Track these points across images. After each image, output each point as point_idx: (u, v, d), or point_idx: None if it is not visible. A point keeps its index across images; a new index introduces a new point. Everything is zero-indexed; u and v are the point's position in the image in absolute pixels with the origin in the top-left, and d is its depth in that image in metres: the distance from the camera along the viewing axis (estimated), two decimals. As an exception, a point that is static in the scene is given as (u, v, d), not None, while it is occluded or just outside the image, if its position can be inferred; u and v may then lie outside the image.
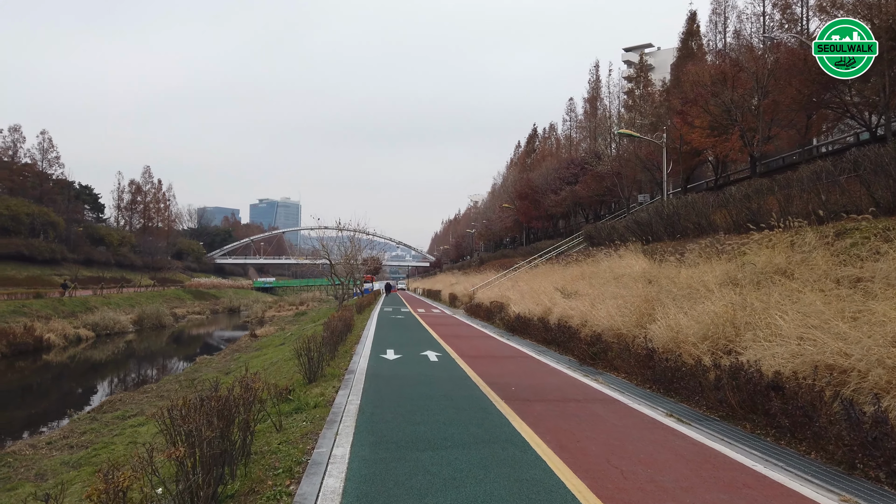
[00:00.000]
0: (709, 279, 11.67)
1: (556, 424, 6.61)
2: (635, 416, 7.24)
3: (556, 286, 18.59)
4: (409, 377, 9.59)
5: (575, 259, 22.53)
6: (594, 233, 29.60)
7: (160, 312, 45.49)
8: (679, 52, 44.70)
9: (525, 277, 26.28)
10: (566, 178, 40.60)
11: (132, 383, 21.77)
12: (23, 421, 15.98)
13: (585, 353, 11.56)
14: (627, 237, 24.34)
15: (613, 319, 11.93)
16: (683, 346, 8.90)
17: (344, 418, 6.60)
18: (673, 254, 16.11)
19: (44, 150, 67.81)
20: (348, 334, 16.44)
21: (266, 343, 27.50)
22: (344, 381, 9.17)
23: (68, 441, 12.14)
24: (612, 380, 9.86)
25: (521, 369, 10.86)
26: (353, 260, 39.58)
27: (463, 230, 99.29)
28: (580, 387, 9.09)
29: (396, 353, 12.74)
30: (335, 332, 11.99)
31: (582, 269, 20.53)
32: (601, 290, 15.74)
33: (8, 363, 25.99)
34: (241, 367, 20.54)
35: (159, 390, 17.73)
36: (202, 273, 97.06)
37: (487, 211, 74.13)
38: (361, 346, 13.82)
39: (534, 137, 79.67)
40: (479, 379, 9.51)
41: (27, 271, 54.08)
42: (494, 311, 21.48)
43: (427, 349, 13.48)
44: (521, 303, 19.81)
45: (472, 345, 14.87)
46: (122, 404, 15.81)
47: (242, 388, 5.56)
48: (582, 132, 70.05)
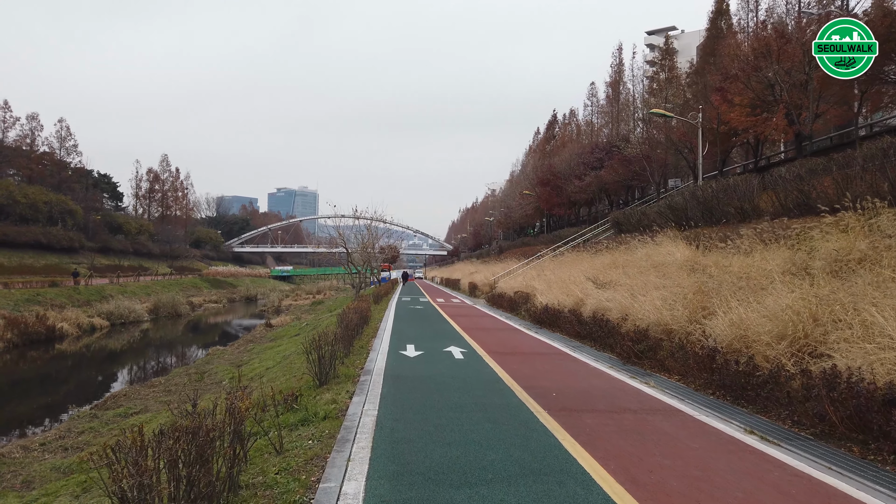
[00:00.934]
0: (770, 267, 10.30)
1: (616, 446, 5.39)
2: (709, 433, 5.98)
3: (588, 276, 17.26)
4: (434, 379, 8.41)
5: (606, 247, 21.13)
6: (623, 219, 28.13)
7: (176, 301, 45.02)
8: (708, 31, 42.68)
9: (550, 266, 24.96)
10: (591, 164, 38.99)
11: (141, 376, 21.00)
12: (23, 416, 15.19)
13: (629, 351, 10.29)
14: (660, 223, 22.87)
15: (660, 313, 10.62)
16: (755, 345, 7.59)
17: (358, 436, 5.43)
18: (717, 240, 14.70)
19: (62, 139, 67.80)
20: (364, 327, 15.35)
21: (281, 333, 26.63)
22: (359, 383, 8.03)
23: (63, 442, 11.25)
24: (665, 383, 8.59)
25: (557, 369, 9.63)
26: (370, 248, 38.62)
27: (481, 218, 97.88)
28: (631, 392, 7.83)
29: (417, 348, 11.58)
30: (350, 327, 10.86)
31: (613, 257, 19.16)
32: (639, 280, 14.39)
33: (19, 353, 25.45)
34: (254, 360, 19.66)
35: (168, 384, 16.87)
36: (220, 261, 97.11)
37: (506, 198, 72.61)
38: (379, 341, 12.69)
39: (553, 124, 77.75)
40: (513, 381, 8.30)
41: (45, 259, 54.05)
42: (519, 302, 20.23)
43: (450, 344, 12.31)
44: (549, 293, 18.53)
45: (498, 339, 13.66)
46: (126, 400, 14.94)
47: (228, 410, 4.41)
48: (604, 117, 68.05)
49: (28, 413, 15.54)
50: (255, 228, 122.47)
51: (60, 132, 67.73)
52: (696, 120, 24.06)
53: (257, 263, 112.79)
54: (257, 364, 17.80)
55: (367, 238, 38.09)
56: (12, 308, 30.85)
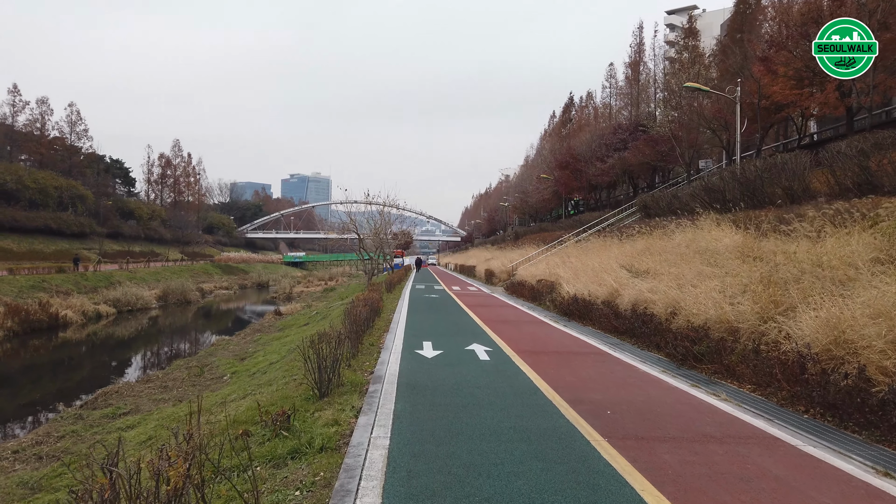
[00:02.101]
0: (849, 255, 8.68)
1: (721, 502, 3.89)
2: (831, 476, 4.46)
3: (621, 263, 15.69)
4: (458, 390, 6.96)
5: (638, 231, 19.46)
6: (651, 203, 26.38)
7: (185, 288, 44.08)
8: (736, 6, 40.44)
9: (574, 253, 23.35)
10: (613, 145, 37.08)
11: (140, 367, 19.89)
12: (6, 415, 14.05)
13: (685, 353, 8.75)
14: (694, 207, 21.17)
15: (721, 308, 9.05)
16: (864, 353, 6.02)
17: (363, 485, 3.98)
18: (767, 224, 13.05)
19: (72, 123, 66.97)
20: (376, 319, 13.95)
21: (290, 322, 25.41)
22: (368, 395, 6.60)
23: (39, 449, 10.01)
24: (738, 394, 7.07)
25: (602, 375, 8.13)
26: (383, 234, 37.21)
27: (494, 204, 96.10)
28: (704, 410, 6.32)
29: (435, 346, 10.14)
30: (358, 322, 9.43)
31: (647, 243, 17.52)
32: (682, 268, 12.80)
33: (19, 342, 24.50)
34: (259, 352, 18.41)
35: (165, 379, 15.64)
36: (232, 247, 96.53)
37: (522, 183, 70.77)
38: (392, 337, 11.26)
39: (570, 107, 75.56)
40: (554, 393, 6.83)
41: (55, 245, 53.44)
42: (543, 291, 18.71)
43: (472, 341, 10.86)
44: (576, 282, 16.98)
45: (525, 334, 12.18)
46: (118, 397, 13.72)
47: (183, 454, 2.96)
48: (623, 99, 65.81)
49: (13, 411, 14.41)
50: (268, 214, 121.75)
51: (70, 117, 66.93)
52: (735, 94, 22.18)
53: (270, 249, 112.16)
54: (261, 358, 16.55)
55: (379, 223, 36.67)
56: (16, 295, 29.99)
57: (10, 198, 50.98)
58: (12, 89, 58.79)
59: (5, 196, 50.51)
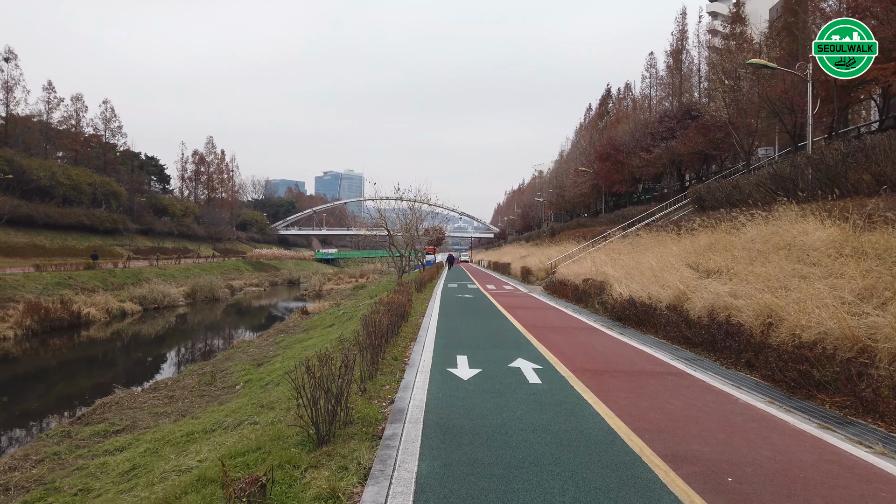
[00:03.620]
0: None
1: None
2: None
3: (685, 261, 13.57)
4: (506, 436, 5.11)
5: (700, 225, 17.22)
6: (706, 194, 23.97)
7: (214, 285, 43.30)
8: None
9: (623, 249, 21.20)
10: (660, 134, 34.50)
11: (152, 372, 18.66)
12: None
13: (801, 378, 6.72)
14: (759, 198, 18.82)
15: (840, 319, 6.98)
16: None
17: None
18: (858, 214, 10.80)
19: (106, 120, 67.40)
20: (402, 324, 12.23)
21: (315, 323, 23.97)
22: (382, 444, 4.81)
23: (9, 477, 8.58)
24: (894, 443, 5.05)
25: (694, 407, 6.17)
26: (414, 230, 35.59)
27: (527, 200, 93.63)
28: (867, 475, 4.32)
29: (472, 362, 8.32)
30: (378, 333, 7.67)
31: (711, 238, 15.31)
32: (766, 267, 10.67)
33: (39, 341, 23.69)
34: (278, 356, 16.96)
35: (174, 387, 14.28)
36: (266, 244, 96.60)
37: (558, 177, 68.17)
38: (419, 349, 9.49)
39: (607, 99, 72.62)
40: (639, 441, 4.93)
41: (88, 241, 53.59)
42: (590, 292, 16.69)
43: (516, 354, 9.00)
44: (629, 282, 14.91)
45: (577, 344, 10.25)
46: (117, 410, 12.35)
47: None
48: (664, 90, 62.80)
49: (5, 422, 13.18)
50: (301, 211, 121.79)
51: (105, 113, 67.39)
52: (805, 71, 19.65)
53: (303, 246, 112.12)
54: (278, 364, 15.06)
55: (409, 218, 35.04)
56: (40, 292, 29.41)
57: (44, 194, 51.23)
58: (47, 86, 59.25)
59: (40, 192, 50.76)
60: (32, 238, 47.52)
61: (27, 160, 50.90)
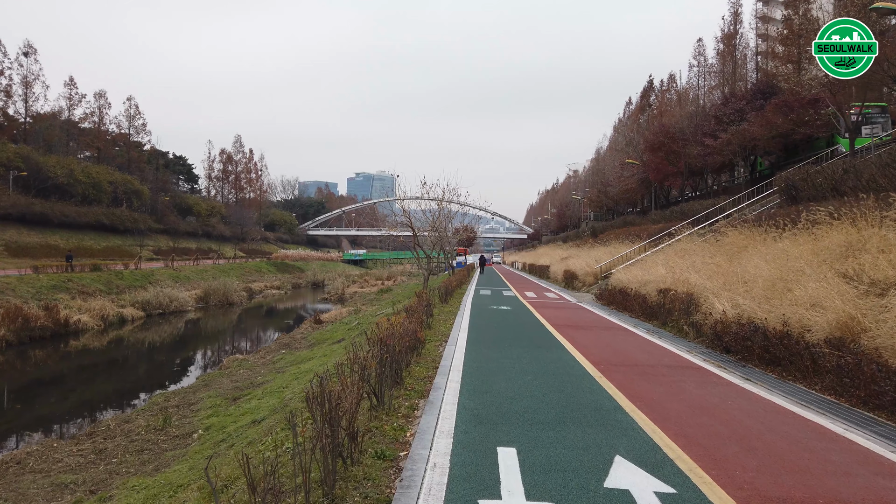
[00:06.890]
0: None
1: None
2: None
3: (831, 268, 9.28)
4: None
5: (814, 222, 12.78)
6: (801, 183, 19.37)
7: (228, 288, 40.29)
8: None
9: (702, 251, 16.88)
10: (727, 116, 29.81)
11: (105, 404, 15.14)
12: None
13: None
14: (882, 185, 14.34)
15: None
16: None
17: None
18: None
19: (130, 117, 65.78)
20: (414, 357, 8.37)
21: (325, 336, 20.34)
22: None
23: None
24: None
25: None
26: (442, 229, 31.72)
27: (563, 199, 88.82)
28: None
29: (529, 479, 4.30)
30: (333, 440, 3.73)
31: (847, 235, 10.90)
32: None
33: (15, 353, 20.73)
34: (268, 384, 13.34)
35: (115, 432, 11.07)
36: (294, 245, 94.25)
37: (598, 172, 63.42)
38: (430, 423, 5.56)
39: (649, 91, 67.43)
40: None
41: (106, 241, 51.55)
42: (674, 309, 12.48)
43: (606, 442, 4.99)
44: (733, 295, 10.68)
45: (691, 400, 6.17)
46: (18, 470, 8.85)
47: None
48: (714, 78, 57.47)
49: None
50: (331, 211, 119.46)
51: (129, 111, 65.76)
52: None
53: (332, 247, 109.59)
54: (256, 402, 11.53)
55: (437, 216, 31.16)
56: (33, 296, 26.63)
57: (62, 193, 49.32)
58: (68, 82, 57.69)
59: (58, 191, 48.87)
60: (46, 237, 45.53)
61: (44, 157, 49.10)
